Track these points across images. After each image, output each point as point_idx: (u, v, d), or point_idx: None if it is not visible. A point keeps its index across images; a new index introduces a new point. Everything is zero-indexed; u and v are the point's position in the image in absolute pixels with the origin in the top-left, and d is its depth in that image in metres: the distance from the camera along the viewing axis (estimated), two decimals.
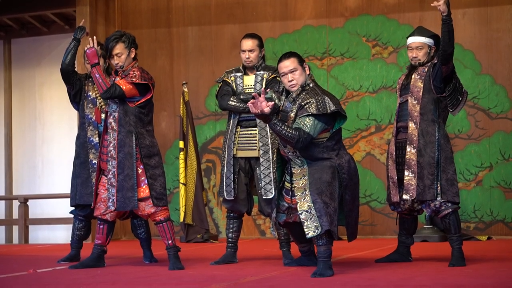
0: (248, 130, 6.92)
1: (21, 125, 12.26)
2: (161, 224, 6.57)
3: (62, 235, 11.64)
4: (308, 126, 5.85)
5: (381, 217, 10.39)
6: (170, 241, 6.59)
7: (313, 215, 5.80)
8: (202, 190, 10.15)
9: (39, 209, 11.82)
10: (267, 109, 5.69)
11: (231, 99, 6.90)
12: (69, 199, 7.58)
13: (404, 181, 6.55)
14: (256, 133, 6.88)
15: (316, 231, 5.79)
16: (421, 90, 6.59)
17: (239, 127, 6.93)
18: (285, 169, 6.20)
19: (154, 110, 6.98)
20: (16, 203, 11.79)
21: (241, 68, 7.04)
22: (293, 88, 6.05)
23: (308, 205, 5.83)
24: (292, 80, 6.03)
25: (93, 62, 6.67)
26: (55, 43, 12.06)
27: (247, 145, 6.90)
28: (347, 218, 6.07)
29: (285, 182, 6.17)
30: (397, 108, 6.80)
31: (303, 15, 10.86)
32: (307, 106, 5.89)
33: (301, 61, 6.10)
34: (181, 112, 10.23)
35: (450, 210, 6.47)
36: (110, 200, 6.51)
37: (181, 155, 10.08)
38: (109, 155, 6.53)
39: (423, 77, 6.61)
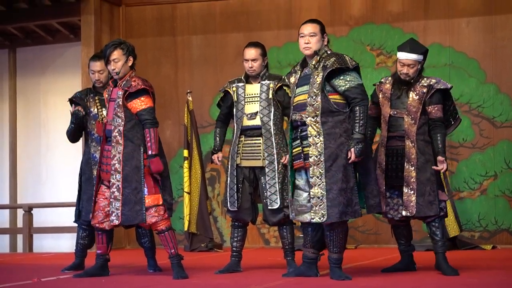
0: (252, 140, 6.90)
1: (25, 133, 12.27)
2: (163, 234, 6.57)
3: (66, 243, 11.63)
4: (352, 80, 6.13)
5: (385, 226, 10.36)
6: (172, 250, 6.58)
7: (324, 203, 5.98)
8: (206, 199, 10.14)
9: (44, 218, 11.83)
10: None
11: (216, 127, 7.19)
12: (74, 208, 7.58)
13: (404, 197, 6.52)
14: (260, 143, 6.85)
15: (322, 218, 5.97)
16: (419, 111, 6.58)
17: (243, 136, 6.90)
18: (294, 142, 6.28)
19: (159, 118, 6.96)
20: (20, 212, 11.80)
21: (243, 77, 7.01)
22: (306, 51, 6.29)
23: (322, 193, 5.99)
24: (308, 43, 6.27)
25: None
26: (59, 52, 12.09)
27: (251, 154, 6.87)
28: (364, 191, 6.17)
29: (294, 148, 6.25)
30: (385, 118, 6.67)
31: None
32: (331, 64, 6.12)
33: (322, 30, 6.38)
34: (186, 120, 10.23)
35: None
36: (113, 214, 6.45)
37: (186, 164, 10.08)
38: (113, 169, 6.46)
39: (421, 99, 6.58)
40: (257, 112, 6.85)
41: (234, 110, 6.97)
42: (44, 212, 11.88)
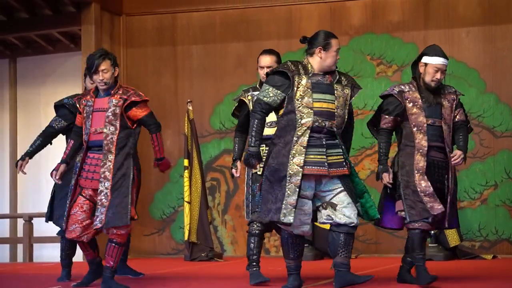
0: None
1: (26, 143, 12.22)
2: (117, 246, 6.42)
3: None
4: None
5: (385, 235, 10.36)
6: (114, 264, 6.42)
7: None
8: (206, 208, 10.14)
9: (44, 227, 11.78)
10: None
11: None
12: None
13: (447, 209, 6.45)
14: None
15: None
16: (452, 119, 6.54)
17: (263, 146, 6.61)
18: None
19: None
20: (20, 221, 11.79)
21: (258, 85, 6.90)
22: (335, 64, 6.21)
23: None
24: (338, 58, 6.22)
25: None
26: (60, 62, 12.10)
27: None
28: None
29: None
30: (422, 127, 6.42)
31: (307, 33, 10.77)
32: (354, 83, 6.28)
33: None
34: (186, 130, 10.24)
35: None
36: (97, 219, 6.37)
37: (186, 173, 10.08)
38: (102, 176, 6.41)
39: (452, 106, 6.53)
40: (275, 121, 6.74)
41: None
42: (44, 221, 11.86)
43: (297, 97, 5.98)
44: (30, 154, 7.57)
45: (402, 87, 6.58)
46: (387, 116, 6.55)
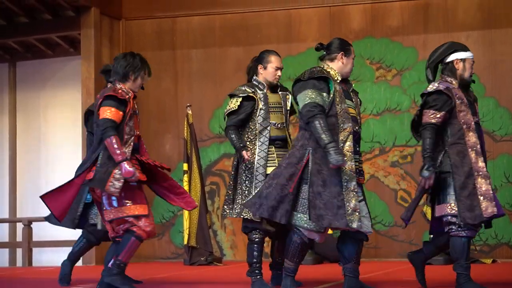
0: (280, 150, 6.69)
1: (25, 147, 12.27)
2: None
3: (65, 257, 11.58)
4: None
5: (385, 240, 10.37)
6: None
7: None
8: (206, 212, 10.13)
9: (43, 232, 11.80)
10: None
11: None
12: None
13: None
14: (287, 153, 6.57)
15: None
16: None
17: (272, 146, 6.67)
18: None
19: (160, 132, 6.97)
20: (20, 226, 11.78)
21: (260, 86, 6.86)
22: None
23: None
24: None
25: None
26: (59, 66, 12.11)
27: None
28: None
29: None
30: (471, 125, 6.26)
31: (307, 37, 10.90)
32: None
33: None
34: (185, 134, 10.23)
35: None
36: None
37: (185, 178, 10.07)
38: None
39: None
40: (283, 122, 6.76)
41: (258, 117, 6.72)
42: (44, 226, 11.81)
43: (337, 102, 5.98)
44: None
45: (447, 84, 6.33)
46: (436, 112, 6.19)
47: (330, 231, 6.73)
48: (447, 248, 6.43)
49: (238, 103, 6.74)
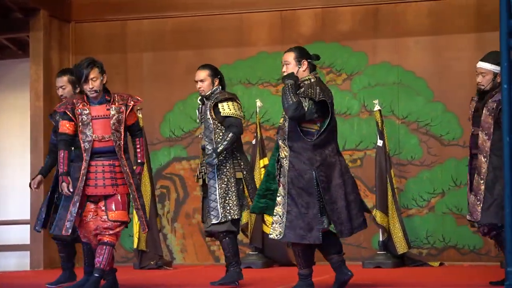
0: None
1: None
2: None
3: (14, 262, 11.47)
4: (305, 105, 6.30)
5: (343, 244, 10.40)
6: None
7: (283, 222, 6.24)
8: (156, 216, 10.10)
9: (6, 236, 11.62)
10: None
11: None
12: (23, 226, 7.59)
13: (469, 205, 6.76)
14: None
15: (278, 236, 6.26)
16: (492, 126, 6.62)
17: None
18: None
19: None
20: None
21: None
22: None
23: (283, 212, 6.26)
24: (284, 72, 6.50)
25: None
26: (8, 69, 11.95)
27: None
28: (330, 218, 6.36)
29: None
30: (470, 135, 6.95)
31: (257, 41, 10.92)
32: (301, 92, 6.38)
33: (298, 57, 6.50)
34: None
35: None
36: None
37: None
38: (127, 181, 6.72)
39: (492, 114, 6.62)
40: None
41: None
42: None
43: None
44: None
45: (475, 97, 6.97)
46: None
47: None
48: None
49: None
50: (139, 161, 6.99)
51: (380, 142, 9.54)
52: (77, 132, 6.67)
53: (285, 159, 6.34)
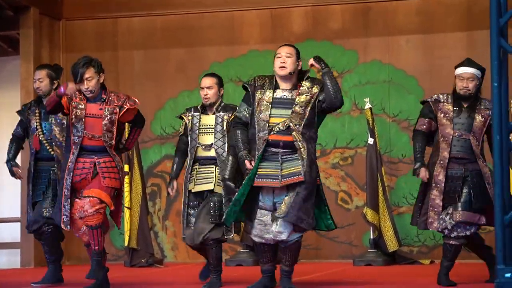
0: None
1: None
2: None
3: (4, 260, 11.45)
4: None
5: (326, 241, 10.43)
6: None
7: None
8: (147, 214, 10.10)
9: None
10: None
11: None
12: (14, 224, 7.57)
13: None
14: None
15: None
16: (483, 133, 6.72)
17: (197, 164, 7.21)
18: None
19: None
20: None
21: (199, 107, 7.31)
22: (281, 70, 6.46)
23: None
24: (284, 63, 6.46)
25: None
26: None
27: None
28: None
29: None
30: (448, 139, 6.79)
31: (248, 40, 10.92)
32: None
33: (298, 55, 6.59)
34: (126, 135, 10.16)
35: None
36: None
37: (126, 179, 10.01)
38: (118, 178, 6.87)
39: (487, 121, 6.68)
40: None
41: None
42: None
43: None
44: None
45: (441, 96, 6.98)
46: (422, 118, 7.02)
47: None
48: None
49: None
50: (126, 146, 7.21)
51: (371, 140, 9.56)
52: (69, 111, 6.73)
53: (298, 142, 6.38)
